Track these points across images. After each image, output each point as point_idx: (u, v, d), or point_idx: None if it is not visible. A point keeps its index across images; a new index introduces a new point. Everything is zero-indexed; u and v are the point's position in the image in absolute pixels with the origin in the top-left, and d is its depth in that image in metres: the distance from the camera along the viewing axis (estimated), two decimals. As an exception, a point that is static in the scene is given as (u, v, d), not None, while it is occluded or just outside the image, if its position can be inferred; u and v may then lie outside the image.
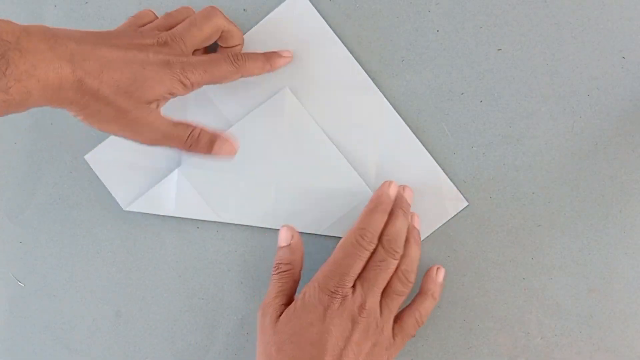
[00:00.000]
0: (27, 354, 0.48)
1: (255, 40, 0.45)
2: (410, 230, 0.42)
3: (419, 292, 0.42)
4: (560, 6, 0.43)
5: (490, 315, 0.44)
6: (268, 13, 0.45)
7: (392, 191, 0.42)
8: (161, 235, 0.46)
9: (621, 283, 0.43)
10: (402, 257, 0.41)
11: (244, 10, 0.45)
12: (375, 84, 0.44)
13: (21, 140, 0.48)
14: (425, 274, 0.43)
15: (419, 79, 0.44)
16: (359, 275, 0.39)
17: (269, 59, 0.43)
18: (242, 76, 0.42)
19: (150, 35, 0.39)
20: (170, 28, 0.41)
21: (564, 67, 0.43)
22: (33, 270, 0.48)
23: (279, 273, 0.41)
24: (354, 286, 0.39)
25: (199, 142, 0.41)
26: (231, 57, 0.41)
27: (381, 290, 0.40)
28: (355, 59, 0.44)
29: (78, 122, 0.47)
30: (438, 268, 0.43)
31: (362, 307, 0.39)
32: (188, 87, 0.39)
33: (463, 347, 0.44)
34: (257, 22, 0.45)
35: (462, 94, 0.44)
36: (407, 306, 0.42)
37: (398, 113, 0.44)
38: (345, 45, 0.44)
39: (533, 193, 0.43)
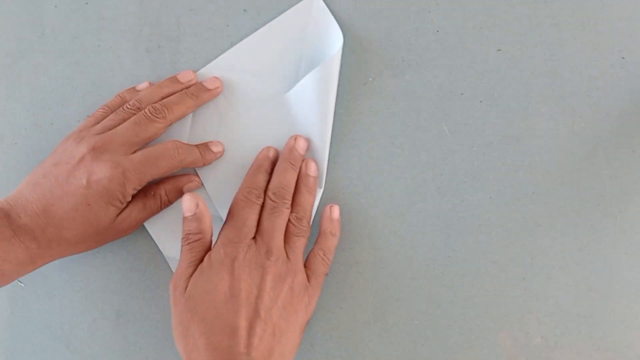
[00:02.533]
0: (27, 354, 0.48)
1: (266, 39, 0.45)
2: (302, 178, 0.43)
3: (319, 232, 0.43)
4: (560, 6, 0.43)
5: (490, 315, 0.44)
6: (268, 13, 0.45)
7: (272, 153, 0.44)
8: (161, 235, 0.46)
9: (621, 283, 0.43)
10: (293, 205, 0.42)
11: (244, 10, 0.45)
12: (375, 83, 0.44)
13: (21, 140, 0.48)
14: (322, 215, 0.44)
15: (419, 79, 0.44)
16: (257, 230, 0.41)
17: (204, 154, 0.44)
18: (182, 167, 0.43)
19: (87, 142, 0.41)
20: (117, 125, 0.43)
21: (564, 67, 0.43)
22: (33, 270, 0.48)
23: (188, 244, 0.40)
24: (254, 239, 0.40)
25: (169, 199, 0.45)
26: (172, 150, 0.42)
27: (282, 236, 0.41)
28: (355, 58, 0.44)
29: (78, 122, 0.47)
30: (331, 206, 0.44)
31: (268, 252, 0.39)
32: (132, 194, 0.41)
33: (463, 347, 0.44)
34: (257, 23, 0.45)
35: (462, 94, 0.44)
36: (310, 250, 0.43)
37: (398, 113, 0.44)
38: (345, 46, 0.44)
39: (533, 193, 0.43)
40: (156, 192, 0.44)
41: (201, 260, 0.40)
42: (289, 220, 0.42)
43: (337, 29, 0.44)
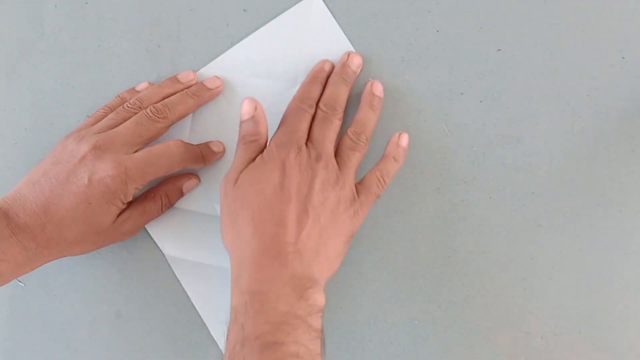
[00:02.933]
0: (27, 354, 0.48)
1: (266, 39, 0.45)
2: (365, 95, 0.43)
3: (382, 156, 0.43)
4: (560, 6, 0.43)
5: (490, 315, 0.44)
6: (268, 13, 0.45)
7: (327, 66, 0.44)
8: (161, 235, 0.46)
9: (621, 283, 0.43)
10: (353, 120, 0.42)
11: (244, 10, 0.45)
12: (375, 84, 0.44)
13: (21, 140, 0.48)
14: (389, 140, 0.43)
15: (419, 79, 0.44)
16: (308, 138, 0.41)
17: (204, 155, 0.44)
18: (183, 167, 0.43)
19: (88, 142, 0.41)
20: (118, 124, 0.42)
21: (564, 67, 0.43)
22: (33, 271, 0.48)
23: (244, 144, 0.41)
24: (305, 145, 0.40)
25: (170, 200, 0.45)
26: (174, 149, 0.42)
27: (332, 145, 0.41)
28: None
29: (78, 122, 0.47)
30: (400, 133, 0.43)
31: (318, 157, 0.39)
32: (134, 194, 0.41)
33: (463, 347, 0.44)
34: (257, 23, 0.45)
35: (462, 94, 0.44)
36: (369, 170, 0.42)
37: (398, 113, 0.44)
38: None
39: (533, 193, 0.43)
40: (156, 194, 0.44)
41: (254, 160, 0.40)
42: (346, 133, 0.42)
43: (338, 30, 0.44)
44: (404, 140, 0.43)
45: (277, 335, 0.34)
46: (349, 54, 0.43)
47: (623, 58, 0.42)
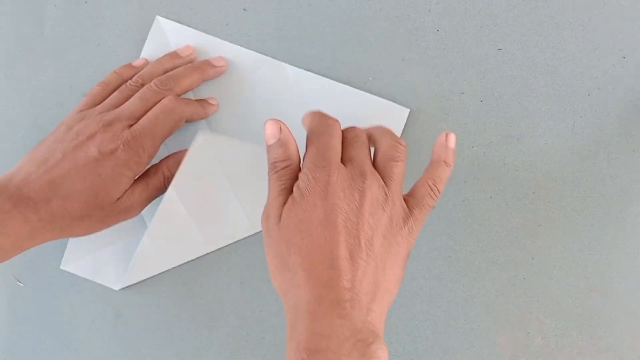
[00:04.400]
0: (27, 354, 0.48)
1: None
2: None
3: (430, 161, 0.38)
4: (560, 6, 0.43)
5: (490, 315, 0.44)
6: (268, 13, 0.45)
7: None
8: (161, 235, 0.46)
9: (621, 283, 0.43)
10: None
11: (243, 9, 0.45)
12: (375, 83, 0.44)
13: (21, 140, 0.48)
14: (435, 142, 0.39)
15: (419, 79, 0.44)
16: (342, 159, 0.36)
17: (203, 106, 0.44)
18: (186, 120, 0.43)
19: (95, 121, 0.40)
20: (122, 103, 0.42)
21: (564, 67, 0.43)
22: (33, 270, 0.48)
23: (276, 172, 0.36)
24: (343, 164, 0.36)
25: (173, 174, 0.43)
26: (169, 104, 0.42)
27: (370, 161, 0.36)
28: (355, 58, 0.44)
29: (78, 122, 0.47)
30: (447, 134, 0.38)
31: (362, 175, 0.35)
32: (146, 162, 0.41)
33: (463, 347, 0.44)
34: (257, 22, 0.45)
35: (462, 94, 0.44)
36: (418, 180, 0.38)
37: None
38: (345, 46, 0.44)
39: (533, 193, 0.43)
40: (158, 168, 0.43)
41: (291, 188, 0.36)
42: (385, 142, 0.37)
43: (199, 33, 0.46)
44: (452, 140, 0.38)
45: None
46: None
47: (623, 58, 0.42)
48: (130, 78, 0.44)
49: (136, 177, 0.42)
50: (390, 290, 0.35)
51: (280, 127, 0.36)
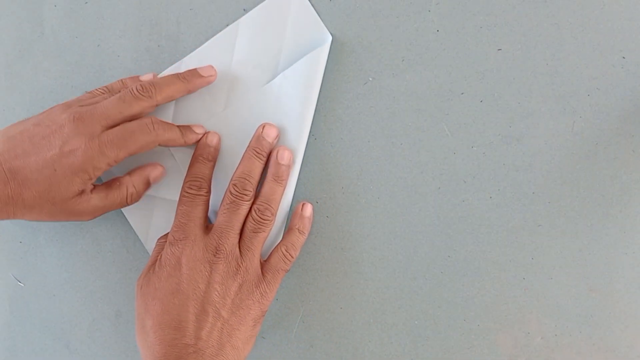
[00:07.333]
0: (27, 354, 0.48)
1: (249, 27, 0.45)
2: (271, 166, 0.42)
3: (287, 229, 0.43)
4: (560, 6, 0.43)
5: (490, 315, 0.44)
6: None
7: (214, 140, 0.43)
8: (161, 235, 0.46)
9: (621, 283, 0.43)
10: (258, 195, 0.42)
11: (243, 10, 0.45)
12: (375, 83, 0.44)
13: (21, 140, 0.48)
14: (293, 211, 0.44)
15: (419, 79, 0.44)
16: (215, 223, 0.41)
17: (184, 133, 0.43)
18: (159, 144, 0.42)
19: (69, 112, 0.40)
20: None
21: (564, 67, 0.43)
22: (33, 270, 0.48)
23: (158, 243, 0.42)
24: (207, 231, 0.41)
25: (137, 190, 0.44)
26: (149, 124, 0.41)
27: (236, 233, 0.41)
28: (355, 58, 0.44)
29: (78, 122, 0.47)
30: (304, 203, 0.44)
31: (217, 249, 0.40)
32: (104, 169, 0.40)
33: (463, 347, 0.44)
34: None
35: (462, 94, 0.44)
36: (276, 244, 0.43)
37: (398, 113, 0.44)
38: (345, 46, 0.44)
39: (533, 193, 0.43)
40: (122, 182, 0.43)
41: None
42: (250, 211, 0.41)
43: (320, 25, 0.44)
44: (308, 210, 0.44)
45: None
46: (264, 126, 0.43)
47: (623, 58, 0.42)
48: None
49: (94, 182, 0.41)
50: (237, 348, 0.39)
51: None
